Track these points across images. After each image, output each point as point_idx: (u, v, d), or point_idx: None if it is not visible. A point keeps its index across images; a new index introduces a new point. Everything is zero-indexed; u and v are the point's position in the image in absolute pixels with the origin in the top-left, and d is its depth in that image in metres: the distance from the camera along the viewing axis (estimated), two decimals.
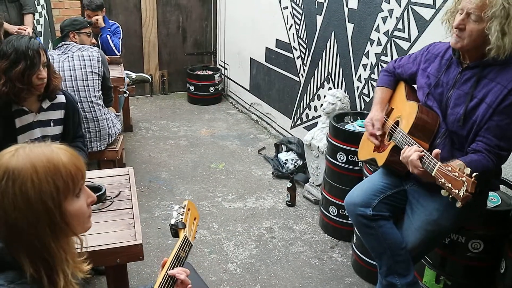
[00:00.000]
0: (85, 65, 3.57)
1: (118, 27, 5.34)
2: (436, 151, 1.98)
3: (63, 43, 3.74)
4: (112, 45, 5.08)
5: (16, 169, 1.20)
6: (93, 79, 3.58)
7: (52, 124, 2.68)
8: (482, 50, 2.08)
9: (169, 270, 1.59)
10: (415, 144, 2.15)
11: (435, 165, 1.92)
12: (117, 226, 2.16)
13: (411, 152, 2.06)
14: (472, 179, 1.77)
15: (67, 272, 1.29)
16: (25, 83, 2.45)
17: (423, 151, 2.04)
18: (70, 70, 3.52)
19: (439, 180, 1.88)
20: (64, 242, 1.29)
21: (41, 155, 1.24)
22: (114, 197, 2.39)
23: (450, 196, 1.84)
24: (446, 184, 1.85)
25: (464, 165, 1.82)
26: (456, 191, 1.80)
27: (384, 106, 2.58)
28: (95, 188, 2.35)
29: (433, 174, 1.92)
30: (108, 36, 5.07)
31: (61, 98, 2.72)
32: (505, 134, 2.07)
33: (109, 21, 5.34)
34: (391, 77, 2.63)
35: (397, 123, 2.42)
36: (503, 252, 2.39)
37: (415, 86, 2.54)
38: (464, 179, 1.78)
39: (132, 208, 2.31)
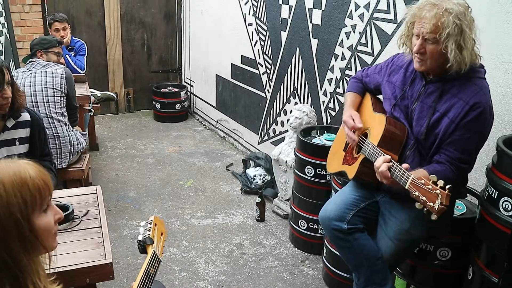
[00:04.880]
0: (46, 81, 3.53)
1: (83, 44, 5.29)
2: (405, 165, 2.02)
3: (30, 60, 3.70)
4: (73, 64, 5.01)
5: None
6: (54, 96, 3.53)
7: (17, 143, 2.63)
8: (444, 67, 2.14)
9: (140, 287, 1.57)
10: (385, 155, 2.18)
11: (408, 178, 1.95)
12: (86, 245, 2.11)
13: (380, 163, 2.10)
14: (446, 191, 1.80)
15: (39, 284, 1.27)
16: None
17: (390, 161, 2.07)
18: (30, 86, 3.49)
19: (413, 193, 1.91)
20: (35, 256, 1.28)
21: (7, 169, 1.23)
22: (82, 216, 2.34)
23: (425, 209, 1.86)
24: (420, 197, 1.87)
25: (436, 178, 1.86)
26: (431, 204, 1.83)
27: (356, 108, 2.62)
28: (63, 207, 2.30)
29: (406, 187, 1.95)
30: (67, 56, 5.00)
31: (25, 116, 2.67)
32: (466, 148, 2.14)
33: (74, 38, 5.29)
34: (359, 84, 2.68)
35: (365, 135, 2.45)
36: (470, 258, 2.44)
37: (380, 97, 2.59)
38: (438, 191, 1.82)
39: (101, 227, 2.27)
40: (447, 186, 1.82)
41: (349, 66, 3.76)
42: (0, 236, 1.19)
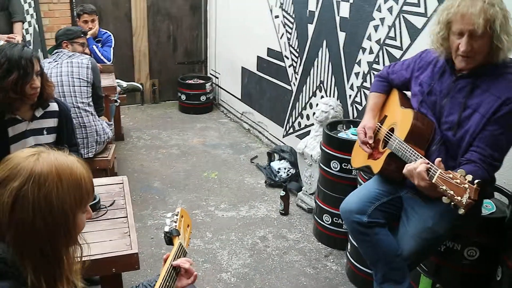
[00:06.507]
0: (72, 72, 3.57)
1: (110, 36, 5.34)
2: (438, 159, 1.96)
3: (55, 51, 3.74)
4: (100, 55, 5.07)
5: (42, 175, 1.22)
6: (80, 85, 3.57)
7: (45, 132, 2.66)
8: (489, 58, 2.08)
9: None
10: (412, 150, 2.14)
11: (436, 172, 1.92)
12: (112, 235, 2.13)
13: (417, 164, 2.03)
14: (475, 186, 1.76)
15: (72, 279, 1.32)
16: (18, 92, 2.42)
17: (429, 163, 2.01)
18: (56, 76, 3.52)
19: (440, 187, 1.87)
20: (71, 251, 1.33)
21: (64, 165, 1.27)
22: (108, 206, 2.37)
23: (452, 203, 1.83)
24: (447, 191, 1.83)
25: (465, 172, 1.82)
26: (459, 198, 1.79)
27: (377, 113, 2.59)
28: None
29: (433, 181, 1.91)
30: (94, 46, 5.06)
31: (54, 106, 2.69)
32: (498, 145, 2.08)
33: (101, 29, 5.34)
34: (384, 83, 2.63)
35: (391, 130, 2.42)
36: (499, 259, 2.39)
37: (408, 92, 2.55)
38: (466, 186, 1.77)
39: (127, 217, 2.29)
40: (476, 181, 1.77)
41: (377, 60, 3.71)
42: (51, 229, 1.23)
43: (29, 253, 1.22)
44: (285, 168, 4.68)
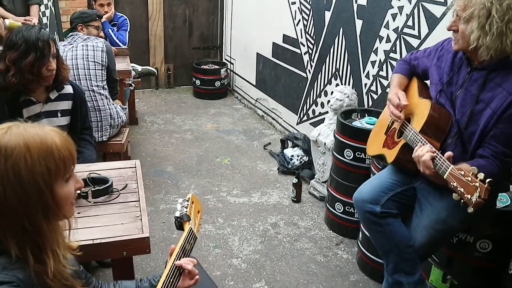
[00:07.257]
0: (87, 55, 3.57)
1: (126, 19, 5.34)
2: (449, 153, 1.95)
3: (70, 34, 3.75)
4: (115, 38, 5.08)
5: (8, 147, 1.20)
6: (95, 69, 3.57)
7: (59, 114, 2.68)
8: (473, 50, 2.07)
9: (176, 261, 1.58)
10: (427, 143, 2.12)
11: (448, 168, 1.89)
12: (124, 218, 2.14)
13: (423, 152, 2.03)
14: (486, 185, 1.73)
15: (58, 252, 1.30)
16: (34, 74, 2.44)
17: (435, 151, 2.01)
18: (72, 59, 3.53)
19: (451, 183, 1.85)
20: (55, 224, 1.31)
21: (35, 136, 1.24)
22: (120, 190, 2.38)
23: (462, 201, 1.81)
24: (458, 188, 1.81)
25: (477, 170, 1.79)
26: (469, 196, 1.77)
27: (403, 89, 2.53)
28: (102, 180, 2.34)
29: (445, 177, 1.90)
30: (109, 30, 5.06)
31: (68, 89, 2.71)
32: (509, 142, 2.05)
33: (117, 13, 5.35)
34: (407, 66, 2.59)
35: (408, 120, 2.39)
36: None
37: (427, 82, 2.51)
38: (477, 184, 1.75)
39: (139, 201, 2.29)
40: (487, 180, 1.75)
41: (394, 48, 3.66)
42: (23, 202, 1.21)
43: (8, 226, 1.22)
44: (298, 156, 4.67)
